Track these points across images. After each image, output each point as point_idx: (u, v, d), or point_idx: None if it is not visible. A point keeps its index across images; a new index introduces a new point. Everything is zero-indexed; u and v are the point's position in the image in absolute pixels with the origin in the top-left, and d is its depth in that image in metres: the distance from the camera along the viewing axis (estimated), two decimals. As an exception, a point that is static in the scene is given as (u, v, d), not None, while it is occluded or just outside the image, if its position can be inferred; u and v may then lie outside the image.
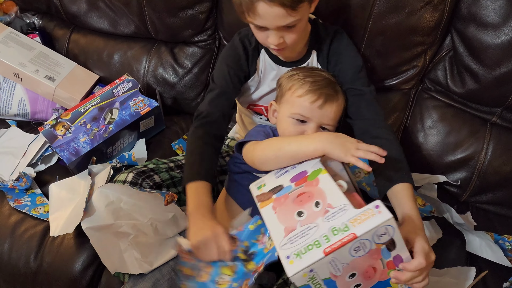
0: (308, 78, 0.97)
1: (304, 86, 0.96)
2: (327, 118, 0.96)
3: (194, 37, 1.42)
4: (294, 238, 0.74)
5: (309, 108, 0.95)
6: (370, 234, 0.70)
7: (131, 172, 0.99)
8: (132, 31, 1.47)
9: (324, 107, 0.94)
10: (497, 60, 1.09)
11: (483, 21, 1.09)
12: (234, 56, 1.07)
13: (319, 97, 0.94)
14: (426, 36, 1.15)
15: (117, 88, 1.27)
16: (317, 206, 0.77)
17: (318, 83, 0.96)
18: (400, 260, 0.76)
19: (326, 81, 0.97)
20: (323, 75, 0.99)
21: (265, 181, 0.89)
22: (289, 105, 0.98)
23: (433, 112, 1.25)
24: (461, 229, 1.13)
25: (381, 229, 0.71)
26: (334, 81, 0.99)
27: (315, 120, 0.95)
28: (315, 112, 0.95)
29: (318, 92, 0.94)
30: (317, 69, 1.02)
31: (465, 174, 1.22)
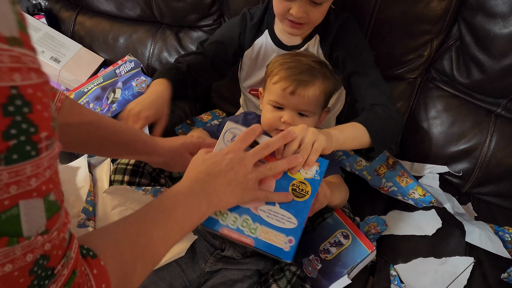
0: (285, 65, 0.98)
1: (280, 73, 0.97)
2: (303, 104, 0.96)
3: (199, 22, 1.42)
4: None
5: (281, 95, 0.96)
6: (221, 144, 0.77)
7: None
8: (138, 14, 1.47)
9: (296, 93, 0.95)
10: (504, 51, 1.08)
11: (491, 11, 1.08)
12: (230, 25, 1.14)
13: (291, 83, 0.95)
14: (433, 25, 1.14)
15: (119, 68, 1.27)
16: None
17: (292, 69, 0.96)
18: (276, 150, 0.77)
19: (303, 67, 0.97)
20: (302, 61, 0.98)
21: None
22: (267, 92, 1.00)
23: (438, 102, 1.24)
24: (462, 219, 1.13)
25: (228, 135, 0.77)
26: (315, 66, 0.98)
27: (289, 107, 0.97)
28: (288, 99, 0.96)
29: (291, 78, 0.95)
30: (300, 54, 1.02)
31: (467, 165, 1.21)
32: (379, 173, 1.20)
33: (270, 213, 0.77)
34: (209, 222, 0.76)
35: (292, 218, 0.76)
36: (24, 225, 0.37)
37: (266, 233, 0.76)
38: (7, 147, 0.34)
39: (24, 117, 0.35)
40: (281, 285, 0.87)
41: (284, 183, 0.77)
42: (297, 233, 0.76)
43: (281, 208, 0.77)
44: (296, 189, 0.77)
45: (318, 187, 0.78)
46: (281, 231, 0.76)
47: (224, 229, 0.76)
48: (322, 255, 0.90)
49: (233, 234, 0.76)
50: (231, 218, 0.76)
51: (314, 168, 0.78)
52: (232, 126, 0.79)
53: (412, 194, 1.16)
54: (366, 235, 1.09)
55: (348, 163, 1.22)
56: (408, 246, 1.07)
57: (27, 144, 0.36)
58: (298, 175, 0.78)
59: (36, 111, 0.36)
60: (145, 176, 0.96)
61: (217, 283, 0.91)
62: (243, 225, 0.76)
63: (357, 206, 1.11)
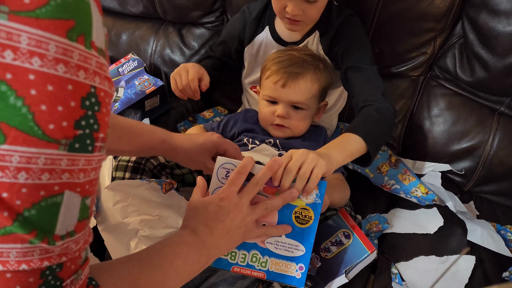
0: (276, 59, 0.99)
1: (271, 68, 0.98)
2: (295, 96, 0.97)
3: (202, 18, 1.41)
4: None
5: (273, 89, 0.98)
6: (216, 182, 0.77)
7: None
8: (140, 11, 1.46)
9: (287, 86, 0.96)
10: (508, 49, 1.08)
11: (495, 9, 1.07)
12: (231, 23, 1.16)
13: (282, 77, 0.96)
14: (436, 22, 1.13)
15: (122, 67, 1.27)
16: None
17: (283, 63, 0.97)
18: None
19: (294, 60, 0.98)
20: (294, 54, 0.99)
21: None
22: (262, 88, 1.03)
23: (441, 100, 1.23)
24: (464, 218, 1.12)
25: (221, 171, 0.77)
26: (307, 59, 0.99)
27: (282, 100, 0.98)
28: (280, 92, 0.97)
29: (281, 72, 0.96)
30: (293, 49, 1.03)
31: (470, 164, 1.21)
32: (381, 171, 1.19)
33: (278, 244, 0.78)
34: (218, 263, 0.78)
35: (299, 246, 0.78)
36: (60, 218, 0.40)
37: (276, 264, 0.78)
38: (74, 135, 0.39)
39: (94, 114, 0.40)
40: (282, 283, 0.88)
41: (287, 212, 0.78)
42: (306, 260, 0.78)
43: (287, 238, 0.78)
44: (299, 216, 0.78)
45: (320, 210, 0.79)
46: (291, 260, 0.78)
47: (235, 267, 0.78)
48: (323, 253, 0.90)
49: (244, 270, 0.78)
50: (240, 255, 0.78)
51: (314, 192, 0.78)
52: (224, 161, 0.78)
53: (414, 192, 1.16)
54: (367, 233, 1.10)
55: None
56: (409, 244, 1.07)
57: (88, 138, 0.40)
58: (299, 202, 0.78)
59: (102, 112, 0.41)
60: (146, 173, 0.97)
61: (219, 280, 0.91)
62: (252, 260, 0.78)
63: (359, 204, 1.11)
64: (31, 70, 0.35)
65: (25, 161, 0.37)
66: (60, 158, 0.38)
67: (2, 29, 0.34)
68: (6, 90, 0.35)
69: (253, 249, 0.78)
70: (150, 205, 0.95)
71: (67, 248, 0.42)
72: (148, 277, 0.58)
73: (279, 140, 1.02)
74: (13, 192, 0.37)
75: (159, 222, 0.95)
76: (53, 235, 0.40)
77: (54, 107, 0.37)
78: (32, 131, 0.36)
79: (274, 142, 1.01)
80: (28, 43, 0.35)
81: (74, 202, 0.41)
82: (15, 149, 0.36)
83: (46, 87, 0.36)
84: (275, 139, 1.02)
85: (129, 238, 0.95)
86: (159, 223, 0.95)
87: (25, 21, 0.35)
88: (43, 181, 0.38)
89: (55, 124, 0.37)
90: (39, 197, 0.38)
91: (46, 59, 0.36)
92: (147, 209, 0.95)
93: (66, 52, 0.37)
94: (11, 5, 0.34)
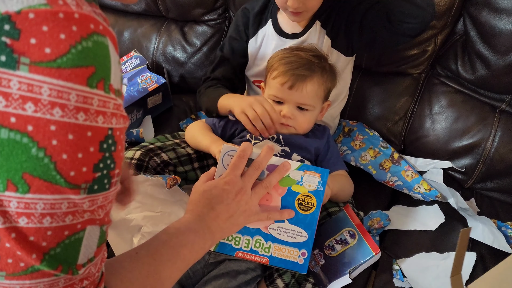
0: (283, 60, 1.00)
1: (278, 68, 0.99)
2: (302, 98, 0.98)
3: (204, 16, 1.42)
4: None
5: (280, 90, 0.99)
6: (222, 169, 0.79)
7: (139, 150, 1.00)
8: (143, 8, 1.47)
9: (295, 88, 0.97)
10: (509, 47, 1.08)
11: (496, 6, 1.07)
12: (235, 24, 1.15)
13: (289, 78, 0.97)
14: (437, 20, 1.14)
15: (125, 64, 1.28)
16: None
17: (290, 64, 0.98)
18: (276, 167, 0.80)
19: (302, 61, 0.98)
20: (301, 55, 1.00)
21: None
22: (268, 87, 1.03)
23: (442, 97, 1.24)
24: (465, 214, 1.13)
25: (227, 158, 0.79)
26: (314, 61, 0.99)
27: (289, 101, 0.99)
28: (287, 94, 0.98)
29: (289, 73, 0.97)
30: (300, 48, 1.03)
31: (471, 161, 1.21)
32: (384, 168, 1.20)
33: (281, 230, 0.80)
34: (222, 248, 0.79)
35: (302, 232, 0.80)
36: (82, 249, 0.42)
37: (279, 250, 0.80)
38: (93, 178, 0.40)
39: (110, 154, 0.41)
40: (285, 279, 0.88)
41: (290, 199, 0.80)
42: (309, 246, 0.80)
43: (290, 224, 0.80)
44: (302, 203, 0.81)
45: (322, 197, 0.81)
46: (294, 245, 0.80)
47: (238, 252, 0.80)
48: (327, 251, 0.91)
49: (247, 256, 0.80)
50: (244, 241, 0.80)
51: (316, 179, 0.81)
52: (229, 149, 0.81)
53: (417, 188, 1.16)
54: (369, 229, 1.10)
55: (353, 158, 1.22)
56: (410, 241, 1.08)
57: (106, 178, 0.41)
58: (302, 189, 0.81)
59: (118, 150, 0.42)
60: (149, 171, 0.97)
61: (220, 274, 0.92)
62: (256, 245, 0.80)
63: (361, 201, 1.11)
64: (52, 121, 0.36)
65: (49, 207, 0.38)
66: (82, 201, 0.40)
67: (23, 81, 0.35)
68: (27, 142, 0.36)
69: (256, 235, 0.80)
70: (154, 201, 0.96)
71: (89, 273, 0.44)
72: (157, 274, 0.59)
73: (282, 136, 1.03)
74: (39, 235, 0.39)
75: (162, 218, 0.96)
76: (76, 265, 0.42)
77: (75, 155, 0.38)
78: (54, 179, 0.37)
79: (277, 138, 1.02)
80: (50, 94, 0.35)
81: (94, 233, 0.43)
82: (39, 197, 0.38)
83: (67, 136, 0.37)
84: (278, 135, 1.03)
85: (132, 234, 0.95)
86: (162, 219, 0.96)
87: (46, 72, 0.35)
88: (67, 222, 0.40)
89: (76, 171, 0.38)
90: (63, 237, 0.40)
91: (67, 108, 0.36)
92: (150, 205, 0.95)
93: (87, 100, 0.37)
94: (32, 56, 0.35)
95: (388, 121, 1.27)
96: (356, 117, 1.29)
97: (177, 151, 1.05)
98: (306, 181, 0.81)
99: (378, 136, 1.24)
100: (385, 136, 1.27)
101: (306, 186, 0.81)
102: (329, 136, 1.10)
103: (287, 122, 1.02)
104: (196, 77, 1.46)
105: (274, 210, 0.79)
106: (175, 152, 1.04)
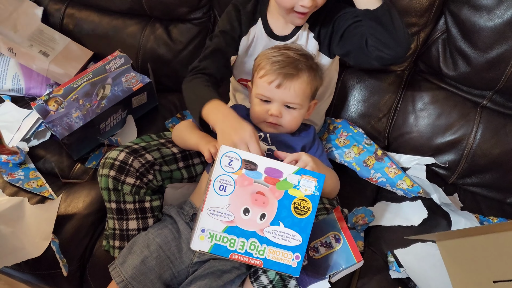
0: (272, 58, 1.00)
1: (266, 67, 0.99)
2: (289, 97, 0.99)
3: (189, 15, 1.41)
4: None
5: (267, 89, 0.99)
6: (219, 170, 0.80)
7: (123, 151, 0.98)
8: (127, 7, 1.46)
9: (282, 86, 0.98)
10: (489, 43, 1.10)
11: (476, 3, 1.09)
12: (227, 17, 1.10)
13: (277, 77, 0.97)
14: (419, 17, 1.14)
15: (109, 64, 1.27)
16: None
17: (278, 63, 0.98)
18: (274, 170, 0.82)
19: (289, 60, 0.99)
20: (288, 54, 1.00)
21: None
22: (255, 86, 1.03)
23: (425, 94, 1.25)
24: (448, 210, 1.15)
25: (225, 159, 0.80)
26: (301, 59, 0.99)
27: (276, 100, 1.00)
28: (274, 92, 0.99)
29: (276, 72, 0.97)
30: (287, 48, 1.03)
31: (454, 157, 1.23)
32: (368, 165, 1.21)
33: (276, 233, 0.81)
34: (217, 249, 0.80)
35: (297, 236, 0.81)
36: None
37: (273, 253, 0.81)
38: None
39: None
40: (270, 276, 0.89)
41: (286, 203, 0.82)
42: (302, 249, 0.82)
43: (286, 227, 0.82)
44: (298, 207, 0.82)
45: (318, 202, 0.82)
46: (288, 249, 0.81)
47: (233, 254, 0.80)
48: (311, 252, 0.92)
49: (242, 258, 0.81)
50: (239, 242, 0.80)
51: (313, 184, 0.82)
52: (227, 150, 0.82)
53: (400, 184, 1.17)
54: (353, 226, 1.11)
55: (338, 155, 1.23)
56: (395, 237, 1.09)
57: None
58: (298, 193, 0.82)
59: None
60: (131, 174, 0.96)
61: (205, 273, 0.92)
62: (251, 248, 0.81)
63: (346, 198, 1.12)
64: None
65: None
66: None
67: None
68: None
69: (252, 237, 0.81)
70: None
71: None
72: None
73: (270, 134, 1.03)
74: None
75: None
76: None
77: None
78: None
79: (265, 137, 1.03)
80: None
81: None
82: None
83: None
84: (265, 134, 1.03)
85: None
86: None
87: None
88: None
89: None
90: None
91: None
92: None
93: None
94: None
95: (372, 118, 1.28)
96: (341, 114, 1.30)
97: (162, 151, 1.05)
98: (303, 185, 0.82)
99: (363, 133, 1.25)
100: (370, 133, 1.28)
101: (303, 190, 0.82)
102: (315, 134, 1.11)
103: (275, 121, 1.02)
104: (181, 76, 1.42)
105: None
106: (159, 152, 1.04)
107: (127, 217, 0.99)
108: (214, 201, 0.80)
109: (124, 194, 0.97)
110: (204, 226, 0.80)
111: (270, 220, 0.81)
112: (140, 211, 1.00)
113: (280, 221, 0.82)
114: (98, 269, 1.08)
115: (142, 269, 0.93)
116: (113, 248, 1.01)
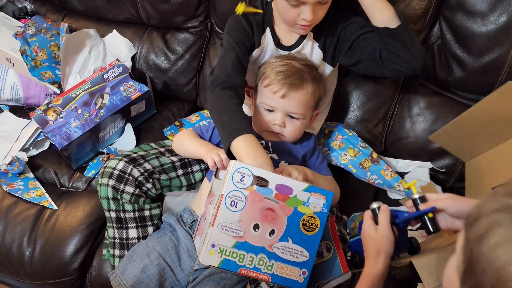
0: (276, 68, 1.00)
1: (270, 76, 0.99)
2: (293, 107, 0.99)
3: (186, 23, 1.42)
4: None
5: (272, 98, 0.99)
6: (231, 186, 0.79)
7: (122, 160, 0.99)
8: (124, 16, 1.47)
9: (287, 97, 0.98)
10: (484, 49, 1.10)
11: (470, 9, 1.10)
12: (240, 28, 1.05)
13: (282, 87, 0.98)
14: (414, 23, 1.16)
15: (107, 73, 1.28)
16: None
17: (283, 73, 0.98)
18: (284, 187, 0.82)
19: (293, 70, 0.99)
20: (293, 64, 1.00)
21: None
22: (259, 94, 1.03)
23: (421, 99, 1.26)
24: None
25: (237, 175, 0.80)
26: (305, 70, 1.00)
27: (280, 109, 1.00)
28: (278, 102, 0.99)
29: (281, 82, 0.98)
30: (291, 57, 1.03)
31: (450, 161, 1.24)
32: (364, 167, 1.22)
33: (284, 249, 0.83)
34: (226, 264, 0.81)
35: (304, 252, 0.83)
36: None
37: (281, 268, 0.83)
38: None
39: None
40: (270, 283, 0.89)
41: (295, 219, 0.83)
42: (309, 265, 0.84)
43: (294, 244, 0.83)
44: (306, 223, 0.84)
45: (326, 219, 0.84)
46: (295, 265, 0.83)
47: (242, 269, 0.82)
48: None
49: (250, 273, 0.82)
50: (248, 258, 0.82)
51: (321, 201, 0.84)
52: (240, 166, 0.81)
53: (397, 187, 1.18)
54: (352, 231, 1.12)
55: (334, 157, 1.23)
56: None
57: None
58: (307, 210, 0.83)
59: None
60: (130, 183, 0.97)
61: (206, 281, 0.93)
62: (259, 263, 0.82)
63: (344, 203, 1.13)
64: None
65: None
66: None
67: None
68: None
69: (261, 253, 0.82)
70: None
71: None
72: None
73: (271, 142, 1.04)
74: None
75: None
76: None
77: None
78: None
79: (266, 144, 1.03)
80: None
81: None
82: None
83: None
84: (267, 142, 1.03)
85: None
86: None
87: None
88: None
89: None
90: None
91: None
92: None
93: None
94: None
95: (369, 123, 1.29)
96: (338, 120, 1.31)
97: (160, 159, 1.05)
98: (312, 203, 0.84)
99: (357, 136, 1.26)
100: (367, 138, 1.28)
101: (312, 207, 0.83)
102: (315, 143, 1.11)
103: (278, 131, 1.03)
104: (179, 84, 1.46)
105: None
106: (158, 161, 1.04)
107: (127, 225, 1.00)
108: (225, 217, 0.80)
109: (124, 203, 0.98)
110: (214, 241, 0.80)
111: (279, 236, 0.83)
112: (140, 219, 1.00)
113: (289, 237, 0.83)
114: (98, 278, 1.08)
115: (142, 277, 0.93)
116: (113, 257, 1.01)
